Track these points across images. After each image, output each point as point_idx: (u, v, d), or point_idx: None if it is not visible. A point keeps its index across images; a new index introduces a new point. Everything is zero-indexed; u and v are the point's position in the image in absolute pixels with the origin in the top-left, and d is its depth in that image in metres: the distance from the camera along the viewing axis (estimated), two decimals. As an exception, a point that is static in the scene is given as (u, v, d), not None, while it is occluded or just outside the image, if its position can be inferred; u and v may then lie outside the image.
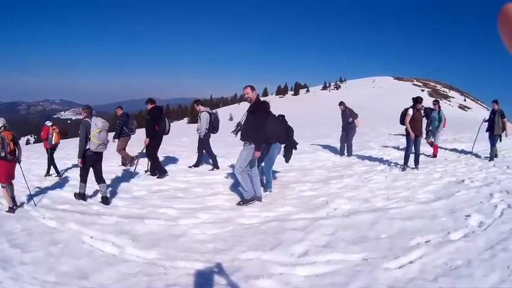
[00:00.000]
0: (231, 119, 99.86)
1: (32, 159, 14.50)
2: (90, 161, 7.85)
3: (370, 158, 12.93)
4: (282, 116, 8.82)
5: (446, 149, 14.49)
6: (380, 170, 10.66)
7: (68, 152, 15.33)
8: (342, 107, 13.81)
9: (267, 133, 7.46)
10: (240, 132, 7.66)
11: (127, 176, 10.46)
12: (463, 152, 13.86)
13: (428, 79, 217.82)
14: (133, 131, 11.89)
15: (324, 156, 13.77)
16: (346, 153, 13.62)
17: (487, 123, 12.60)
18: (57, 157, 11.26)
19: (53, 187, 9.36)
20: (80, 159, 7.72)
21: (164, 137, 10.57)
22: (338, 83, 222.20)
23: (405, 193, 8.24)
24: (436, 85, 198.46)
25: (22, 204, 7.87)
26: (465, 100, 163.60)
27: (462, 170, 10.57)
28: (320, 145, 16.89)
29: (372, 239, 5.66)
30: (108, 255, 5.28)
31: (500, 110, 12.24)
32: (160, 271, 4.77)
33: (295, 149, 9.09)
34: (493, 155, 12.14)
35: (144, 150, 10.72)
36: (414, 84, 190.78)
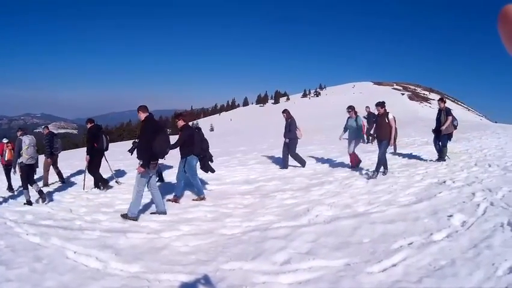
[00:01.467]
0: (211, 129, 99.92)
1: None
2: (25, 171, 9.27)
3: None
4: (198, 129, 9.06)
5: (417, 152, 14.57)
6: (361, 175, 10.75)
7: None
8: (285, 115, 13.23)
9: (155, 150, 7.47)
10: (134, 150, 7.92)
11: (109, 191, 10.56)
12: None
13: (408, 83, 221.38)
14: (58, 150, 12.48)
15: (306, 163, 13.83)
16: (300, 164, 13.12)
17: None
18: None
19: (35, 202, 9.47)
20: (16, 170, 9.63)
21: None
22: (318, 90, 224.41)
23: (387, 197, 8.35)
24: (416, 88, 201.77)
25: (5, 220, 7.93)
26: (445, 102, 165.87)
27: (443, 171, 10.76)
28: (300, 154, 16.85)
29: (355, 244, 5.72)
30: (92, 270, 5.30)
31: (446, 108, 12.36)
32: (144, 284, 4.79)
33: (211, 161, 9.55)
34: (443, 156, 12.24)
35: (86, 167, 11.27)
36: (394, 88, 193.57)
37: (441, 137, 12.11)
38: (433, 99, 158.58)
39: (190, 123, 11.45)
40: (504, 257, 4.71)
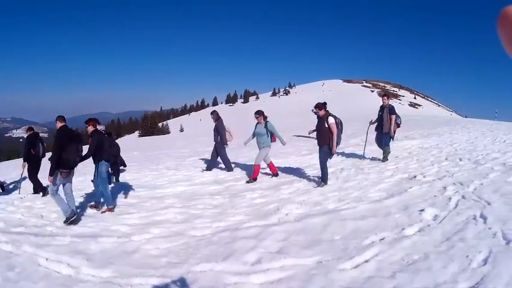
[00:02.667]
0: (181, 130, 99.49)
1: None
2: None
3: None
4: (109, 134, 8.98)
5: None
6: (331, 172, 10.73)
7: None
8: (213, 116, 12.99)
9: (65, 158, 7.56)
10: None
11: (79, 194, 10.31)
12: (414, 148, 14.18)
13: (378, 80, 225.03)
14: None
15: (274, 162, 13.80)
16: (226, 169, 12.86)
17: (375, 124, 12.24)
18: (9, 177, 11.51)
19: (5, 209, 9.24)
20: None
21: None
22: (287, 88, 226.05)
23: (357, 193, 8.41)
24: (386, 85, 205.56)
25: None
26: (415, 98, 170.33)
27: (414, 166, 10.89)
28: (269, 153, 16.87)
29: (326, 241, 5.73)
30: (64, 277, 5.29)
31: (389, 106, 11.87)
32: (117, 289, 4.79)
33: (124, 165, 9.40)
34: (386, 156, 11.98)
35: (24, 174, 11.29)
36: (363, 86, 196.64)
37: (384, 136, 11.83)
38: (403, 96, 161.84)
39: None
40: (478, 249, 4.76)
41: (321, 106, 9.54)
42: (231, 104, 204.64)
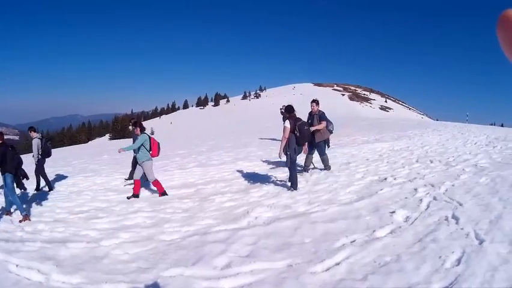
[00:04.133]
0: (152, 133, 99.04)
1: None
2: None
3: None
4: (12, 147, 8.96)
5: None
6: (301, 175, 10.75)
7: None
8: (132, 125, 11.21)
9: None
10: None
11: (50, 198, 10.28)
12: (384, 150, 14.33)
13: (349, 84, 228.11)
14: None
15: (244, 165, 13.77)
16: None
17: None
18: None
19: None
20: None
21: (85, 155, 10.53)
22: (258, 92, 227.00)
23: (327, 196, 8.44)
24: (356, 89, 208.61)
25: None
26: (386, 101, 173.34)
27: (384, 169, 11.03)
28: (239, 155, 16.85)
29: (296, 244, 5.71)
30: (35, 284, 5.20)
31: (319, 112, 11.23)
32: (86, 296, 4.78)
33: (27, 178, 9.64)
34: (327, 164, 11.38)
35: None
36: (334, 89, 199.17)
37: (317, 145, 11.09)
38: (374, 100, 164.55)
39: (41, 138, 11.24)
40: (451, 249, 4.83)
41: (286, 109, 9.51)
42: (202, 107, 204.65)
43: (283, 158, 9.39)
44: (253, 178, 11.32)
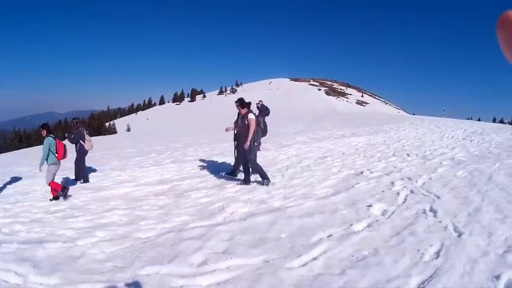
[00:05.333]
0: (128, 129, 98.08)
1: None
2: None
3: (266, 159, 13.01)
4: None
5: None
6: (277, 170, 10.78)
7: None
8: (75, 125, 11.79)
9: None
10: None
11: (26, 198, 10.09)
12: (361, 145, 14.41)
13: (325, 78, 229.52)
14: None
15: (220, 161, 13.73)
16: (80, 180, 11.70)
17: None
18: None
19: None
20: None
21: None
22: (234, 87, 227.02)
23: (303, 190, 8.44)
24: (333, 84, 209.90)
25: None
26: (362, 96, 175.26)
27: (360, 162, 11.10)
28: (215, 151, 16.81)
29: (272, 239, 5.68)
30: (13, 286, 5.08)
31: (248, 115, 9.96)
32: (63, 297, 4.75)
33: None
34: (252, 169, 10.08)
35: None
36: (310, 84, 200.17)
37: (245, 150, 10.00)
38: (350, 94, 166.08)
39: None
40: (429, 242, 4.86)
41: (244, 103, 9.41)
42: (178, 103, 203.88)
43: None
44: (229, 173, 11.28)
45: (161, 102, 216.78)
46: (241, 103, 9.35)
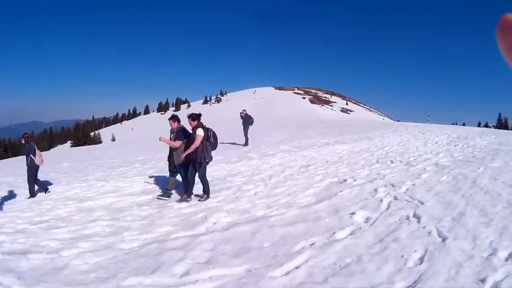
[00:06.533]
0: (113, 139, 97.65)
1: None
2: None
3: (250, 168, 13.00)
4: None
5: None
6: (260, 179, 10.76)
7: None
8: (26, 139, 11.35)
9: None
10: None
11: (11, 209, 10.02)
12: (344, 152, 14.44)
13: (310, 87, 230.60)
14: None
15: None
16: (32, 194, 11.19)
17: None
18: None
19: None
20: None
21: (45, 163, 10.15)
22: (218, 96, 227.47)
23: (286, 199, 8.46)
24: (318, 92, 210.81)
25: None
26: (347, 104, 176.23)
27: (344, 170, 11.12)
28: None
29: (255, 249, 5.69)
30: None
31: (178, 127, 9.89)
32: (47, 309, 4.71)
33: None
34: (170, 188, 10.29)
35: None
36: (295, 93, 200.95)
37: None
38: (335, 102, 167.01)
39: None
40: (413, 248, 4.89)
41: (194, 117, 9.24)
42: (163, 112, 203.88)
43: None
44: (212, 183, 11.21)
45: (146, 111, 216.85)
46: (192, 117, 9.28)
